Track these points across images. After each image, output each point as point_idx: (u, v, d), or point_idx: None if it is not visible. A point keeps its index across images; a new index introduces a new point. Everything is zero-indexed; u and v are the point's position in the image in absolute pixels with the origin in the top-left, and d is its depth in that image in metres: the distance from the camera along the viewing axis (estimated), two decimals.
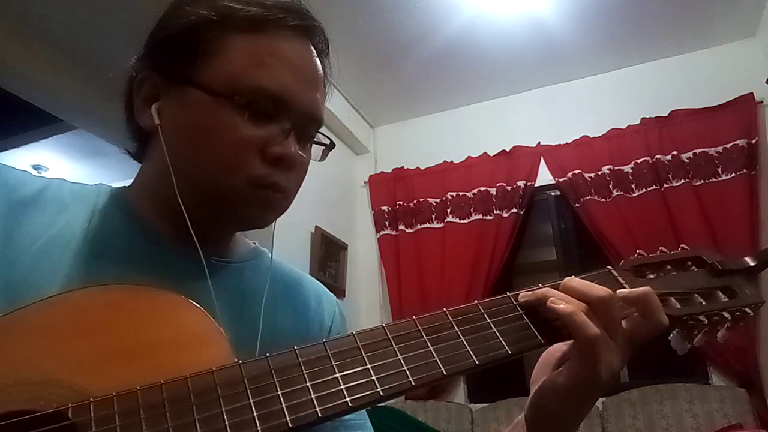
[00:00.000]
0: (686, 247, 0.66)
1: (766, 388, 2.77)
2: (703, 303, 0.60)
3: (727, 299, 0.61)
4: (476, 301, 0.55)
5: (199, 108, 0.59)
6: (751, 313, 0.60)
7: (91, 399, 0.41)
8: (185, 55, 0.60)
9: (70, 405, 0.41)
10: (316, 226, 3.31)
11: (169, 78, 0.61)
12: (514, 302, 0.55)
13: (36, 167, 4.31)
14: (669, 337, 0.60)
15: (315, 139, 0.66)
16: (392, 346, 0.49)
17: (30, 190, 0.59)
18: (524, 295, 0.55)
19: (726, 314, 0.60)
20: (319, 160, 0.68)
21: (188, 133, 0.60)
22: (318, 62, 0.64)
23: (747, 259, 0.63)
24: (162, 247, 0.61)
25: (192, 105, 0.59)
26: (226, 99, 0.58)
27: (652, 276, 0.63)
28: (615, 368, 0.51)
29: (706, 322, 0.59)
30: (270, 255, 0.73)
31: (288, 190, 0.62)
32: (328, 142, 0.67)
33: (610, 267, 0.62)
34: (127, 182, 0.68)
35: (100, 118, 3.09)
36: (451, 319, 0.52)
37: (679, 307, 0.59)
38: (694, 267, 0.64)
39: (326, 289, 0.78)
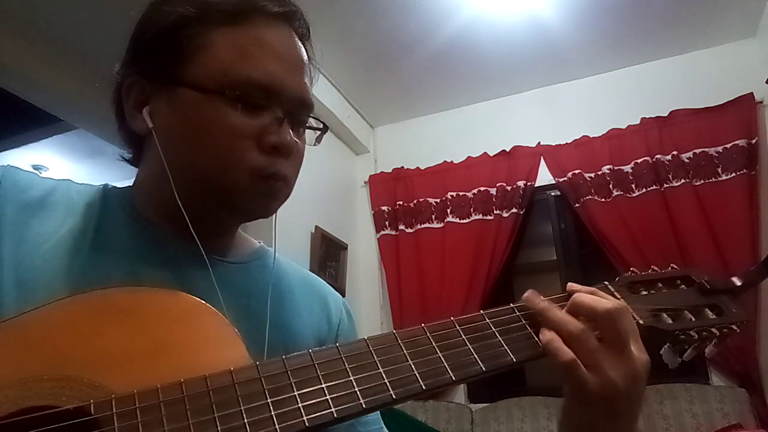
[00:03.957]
0: (675, 266, 0.70)
1: (766, 388, 2.78)
2: (693, 319, 0.63)
3: (714, 316, 0.64)
4: (482, 312, 0.57)
5: (190, 107, 0.59)
6: (738, 331, 0.64)
7: (113, 396, 0.42)
8: (169, 56, 0.60)
9: (92, 401, 0.42)
10: (316, 226, 3.31)
11: (157, 80, 0.61)
12: (518, 313, 0.57)
13: (36, 167, 4.30)
14: (660, 351, 0.63)
15: (307, 124, 0.66)
16: (403, 351, 0.51)
17: (38, 191, 0.60)
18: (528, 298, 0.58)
19: (714, 330, 0.63)
20: (314, 145, 0.69)
21: (183, 133, 0.60)
22: (301, 47, 0.65)
23: (734, 279, 0.67)
24: (167, 247, 0.62)
25: (183, 105, 0.59)
26: (217, 95, 0.58)
27: (644, 293, 0.66)
28: (608, 384, 0.52)
29: (696, 337, 0.62)
30: (277, 254, 0.74)
31: (288, 178, 0.63)
32: (320, 125, 0.68)
33: (606, 282, 0.65)
34: (129, 182, 0.68)
35: (100, 118, 3.09)
36: (458, 328, 0.54)
37: (670, 322, 0.62)
38: (683, 285, 0.68)
39: (332, 288, 0.79)
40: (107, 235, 0.60)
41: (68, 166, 4.35)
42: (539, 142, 3.52)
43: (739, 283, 0.66)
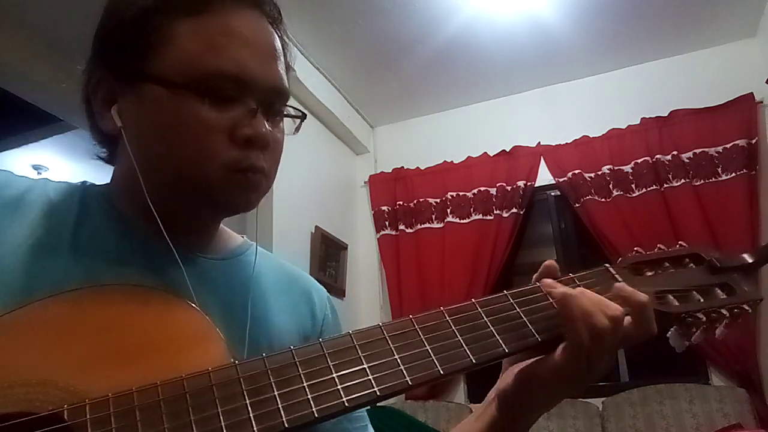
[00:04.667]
0: (684, 244, 0.66)
1: (766, 388, 2.77)
2: (701, 300, 0.60)
3: (725, 296, 0.60)
4: (473, 300, 0.54)
5: (158, 103, 0.56)
6: (750, 310, 0.60)
7: (87, 400, 0.41)
8: (133, 50, 0.57)
9: (66, 407, 0.41)
10: (316, 226, 3.31)
11: (123, 76, 0.58)
12: (512, 300, 0.55)
13: (36, 167, 4.30)
14: (667, 335, 0.60)
15: (285, 113, 0.63)
16: (389, 345, 0.49)
17: (14, 191, 0.58)
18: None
19: (724, 311, 0.59)
20: (294, 133, 0.66)
21: (153, 132, 0.58)
22: (273, 32, 0.62)
23: (745, 255, 0.63)
24: (146, 245, 0.60)
25: (150, 101, 0.57)
26: (184, 89, 0.55)
27: (649, 273, 0.62)
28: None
29: (704, 319, 0.58)
30: (260, 249, 0.72)
31: (266, 170, 0.60)
32: (299, 114, 0.65)
33: (607, 265, 0.62)
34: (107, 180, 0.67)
35: None
36: (448, 318, 0.52)
37: (677, 304, 0.59)
38: (692, 264, 0.64)
39: (317, 282, 0.77)
40: (86, 235, 0.59)
41: (68, 166, 4.34)
42: (539, 142, 3.52)
43: (750, 260, 0.62)
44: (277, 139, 0.61)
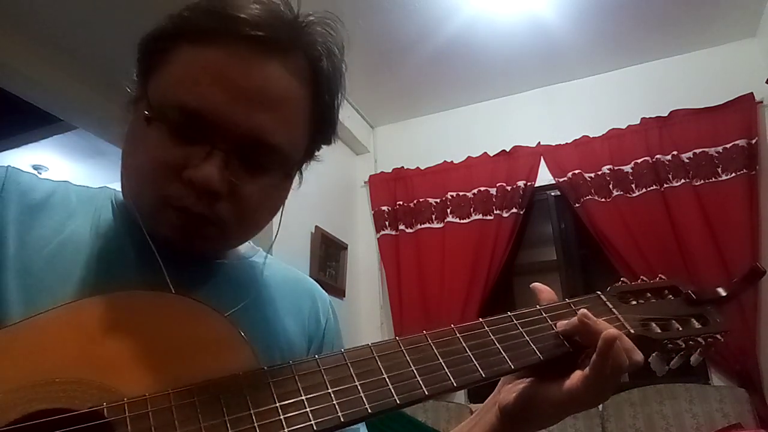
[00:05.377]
0: (663, 276, 0.73)
1: (766, 388, 2.78)
2: (680, 329, 0.65)
3: (700, 326, 0.66)
4: (481, 320, 0.59)
5: (139, 122, 0.57)
6: (722, 340, 0.66)
7: (125, 399, 0.43)
8: (142, 67, 0.60)
9: (105, 404, 0.42)
10: (316, 226, 3.31)
11: (139, 87, 0.61)
12: (515, 321, 0.59)
13: (36, 167, 4.30)
14: (649, 359, 0.65)
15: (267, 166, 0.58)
16: (406, 357, 0.52)
17: (40, 194, 0.60)
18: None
19: (700, 339, 0.65)
20: (297, 187, 0.65)
21: (129, 145, 0.60)
22: (282, 80, 0.57)
23: (719, 289, 0.69)
24: (160, 250, 0.61)
25: (137, 118, 0.58)
26: (156, 115, 0.55)
27: (634, 302, 0.68)
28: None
29: (683, 346, 0.64)
30: (265, 253, 0.74)
31: (215, 219, 0.56)
32: (288, 172, 0.61)
33: (599, 292, 0.67)
34: None
35: (100, 118, 3.09)
36: (459, 335, 0.56)
37: (659, 331, 0.64)
38: (670, 295, 0.70)
39: (320, 287, 0.79)
40: (104, 239, 0.60)
41: (68, 166, 4.34)
42: (539, 142, 3.52)
43: (724, 294, 0.68)
44: (245, 190, 0.57)
